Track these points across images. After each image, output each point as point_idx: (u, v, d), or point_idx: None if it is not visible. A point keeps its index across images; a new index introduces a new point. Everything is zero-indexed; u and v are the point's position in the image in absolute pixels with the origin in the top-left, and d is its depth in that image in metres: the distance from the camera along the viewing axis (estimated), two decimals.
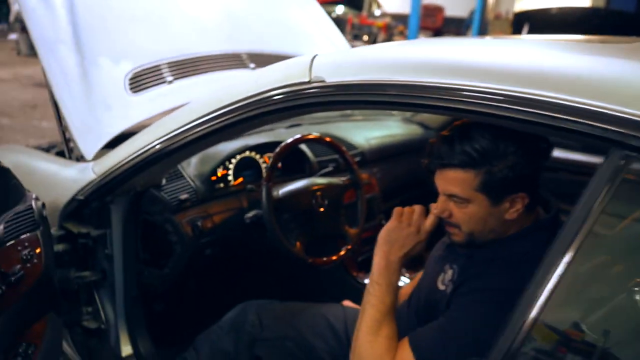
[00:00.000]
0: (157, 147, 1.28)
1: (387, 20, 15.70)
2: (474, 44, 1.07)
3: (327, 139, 1.77)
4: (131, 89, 1.77)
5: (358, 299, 1.75)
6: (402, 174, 2.42)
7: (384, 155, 2.33)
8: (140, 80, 1.80)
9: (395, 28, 15.73)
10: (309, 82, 1.04)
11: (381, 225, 2.28)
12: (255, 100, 1.10)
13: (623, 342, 0.66)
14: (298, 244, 1.58)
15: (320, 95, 1.03)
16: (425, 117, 2.75)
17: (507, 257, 1.03)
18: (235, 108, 1.14)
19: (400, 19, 15.38)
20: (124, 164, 1.34)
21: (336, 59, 1.07)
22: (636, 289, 0.65)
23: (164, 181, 1.56)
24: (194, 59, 1.99)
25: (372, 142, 2.31)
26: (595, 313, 0.69)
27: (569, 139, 0.71)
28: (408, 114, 2.91)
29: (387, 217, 2.27)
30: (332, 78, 1.01)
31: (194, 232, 1.57)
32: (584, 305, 0.70)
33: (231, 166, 1.79)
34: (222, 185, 1.76)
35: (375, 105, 0.99)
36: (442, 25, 18.39)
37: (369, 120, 2.73)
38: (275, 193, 1.57)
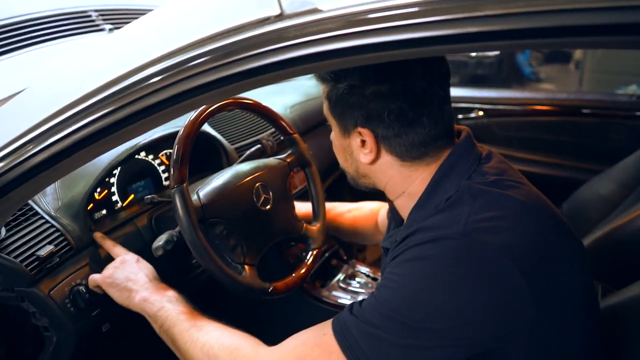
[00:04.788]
0: None
1: None
2: None
3: (253, 102, 1.15)
4: None
5: None
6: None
7: (312, 124, 1.81)
8: None
9: None
10: (280, 16, 0.50)
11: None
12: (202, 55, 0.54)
13: None
14: (247, 267, 1.00)
15: (303, 36, 0.50)
16: None
17: (427, 224, 0.72)
18: (147, 77, 0.58)
19: None
20: None
21: None
22: None
23: (2, 232, 0.91)
24: (20, 23, 1.31)
25: (294, 110, 1.78)
26: None
27: None
28: None
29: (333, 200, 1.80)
30: (328, 3, 0.48)
31: (76, 303, 0.95)
32: None
33: (114, 180, 1.17)
34: (104, 212, 1.13)
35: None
36: None
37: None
38: (194, 199, 0.98)
